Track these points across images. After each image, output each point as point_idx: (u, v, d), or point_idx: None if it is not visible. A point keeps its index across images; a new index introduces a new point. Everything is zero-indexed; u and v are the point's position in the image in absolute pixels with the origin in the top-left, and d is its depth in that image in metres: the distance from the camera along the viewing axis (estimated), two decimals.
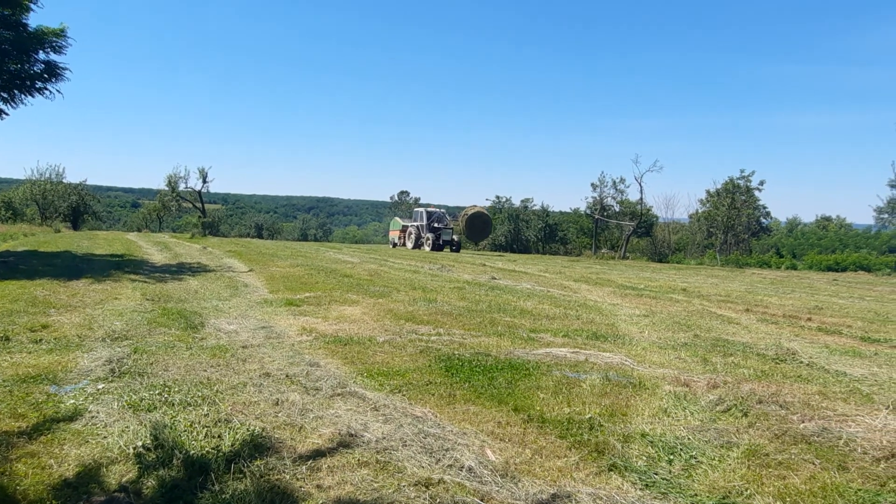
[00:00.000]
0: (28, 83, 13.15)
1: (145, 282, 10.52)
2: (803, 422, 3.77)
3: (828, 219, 69.67)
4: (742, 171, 39.88)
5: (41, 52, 13.23)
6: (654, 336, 7.21)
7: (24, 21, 13.40)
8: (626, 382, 4.72)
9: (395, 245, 36.44)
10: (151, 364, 5.02)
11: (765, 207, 44.89)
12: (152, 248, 20.24)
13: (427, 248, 31.76)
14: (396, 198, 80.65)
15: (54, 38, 13.29)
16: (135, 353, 5.34)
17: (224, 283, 11.00)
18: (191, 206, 42.01)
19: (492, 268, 18.65)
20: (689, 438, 3.53)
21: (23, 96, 13.33)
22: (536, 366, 5.23)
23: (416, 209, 36.28)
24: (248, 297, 9.23)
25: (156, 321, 6.89)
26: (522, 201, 46.66)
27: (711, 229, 42.43)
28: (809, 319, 9.20)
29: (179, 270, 12.94)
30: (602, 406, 4.13)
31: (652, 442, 3.46)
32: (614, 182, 40.91)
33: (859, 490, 2.95)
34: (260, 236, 70.73)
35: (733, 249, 40.62)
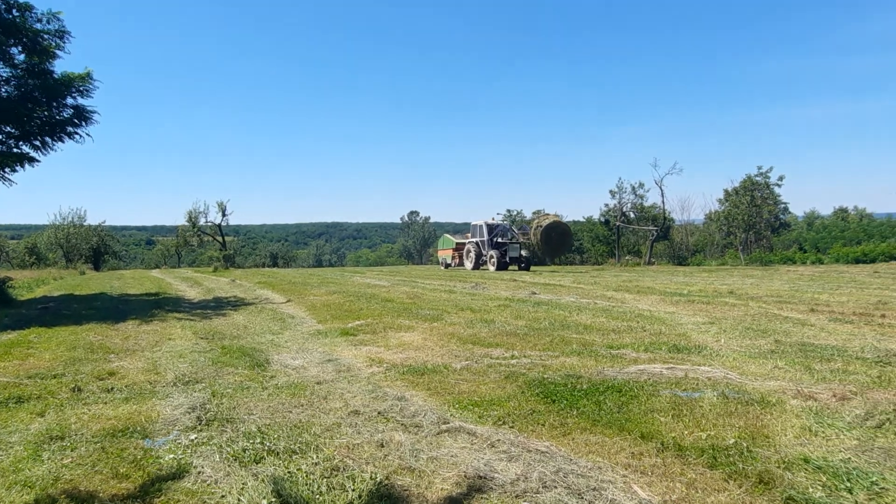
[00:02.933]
0: (58, 129, 13.18)
1: (191, 319, 10.35)
2: None
3: (845, 210, 68.65)
4: (760, 168, 39.40)
5: (69, 97, 13.27)
6: (734, 344, 6.88)
7: (49, 68, 13.49)
8: (746, 399, 4.40)
9: (447, 266, 32.29)
10: (234, 408, 4.79)
11: (785, 203, 44.28)
12: (182, 284, 20.17)
13: (492, 269, 27.39)
14: (407, 218, 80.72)
15: (80, 83, 13.34)
16: (213, 397, 5.11)
17: (268, 315, 10.80)
18: (210, 239, 42.20)
19: (523, 282, 18.35)
20: (855, 461, 3.22)
21: (53, 142, 13.36)
22: (639, 386, 4.93)
23: (473, 223, 30.96)
24: (299, 329, 9.01)
25: (220, 361, 6.67)
26: (534, 213, 46.46)
27: (731, 228, 41.88)
28: (883, 316, 8.80)
29: (219, 305, 12.78)
30: (737, 428, 3.82)
31: (820, 468, 3.15)
32: (633, 187, 40.58)
33: None
34: (275, 265, 71.01)
35: (754, 247, 40.01)
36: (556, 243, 28.41)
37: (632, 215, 41.73)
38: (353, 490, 3.19)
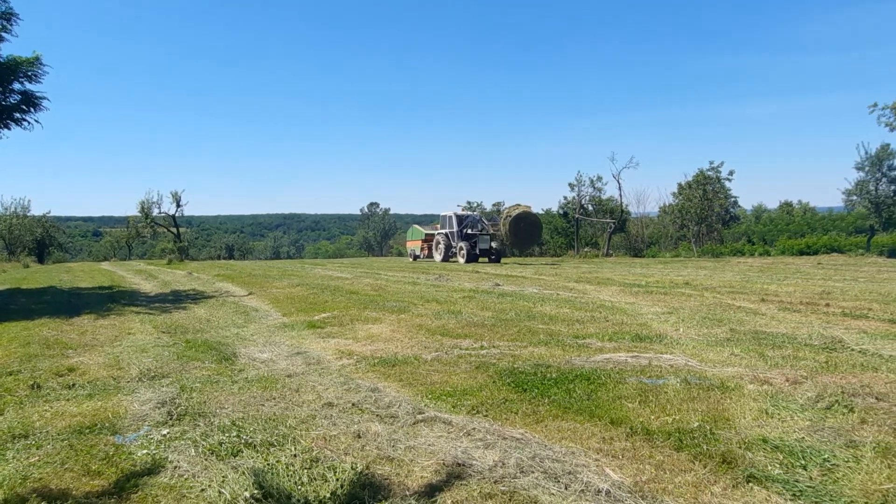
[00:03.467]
0: (4, 115, 12.53)
1: (150, 313, 10.07)
2: None
3: (790, 204, 71.82)
4: (712, 163, 40.72)
5: (16, 82, 12.62)
6: (692, 333, 7.18)
7: None
8: (707, 385, 4.63)
9: (416, 258, 31.79)
10: (205, 402, 4.72)
11: (735, 197, 45.95)
12: (136, 277, 19.54)
13: (461, 261, 26.83)
14: (366, 209, 80.00)
15: (28, 68, 12.71)
16: (182, 391, 5.02)
17: (231, 309, 10.61)
18: (164, 230, 40.86)
19: (486, 274, 18.54)
20: (809, 440, 3.45)
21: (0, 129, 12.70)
22: (606, 374, 5.11)
23: (442, 214, 29.96)
24: (264, 323, 8.90)
25: (185, 355, 6.55)
26: (494, 205, 46.87)
27: (684, 221, 43.24)
28: (828, 305, 9.33)
29: (178, 299, 12.46)
30: (700, 412, 4.02)
31: (777, 447, 3.36)
32: (591, 180, 41.39)
33: None
34: (231, 257, 69.37)
35: (706, 240, 41.45)
36: (524, 235, 26.91)
37: (590, 208, 42.57)
38: (336, 480, 3.22)
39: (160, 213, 39.44)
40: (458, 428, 4.00)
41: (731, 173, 41.04)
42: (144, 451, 3.71)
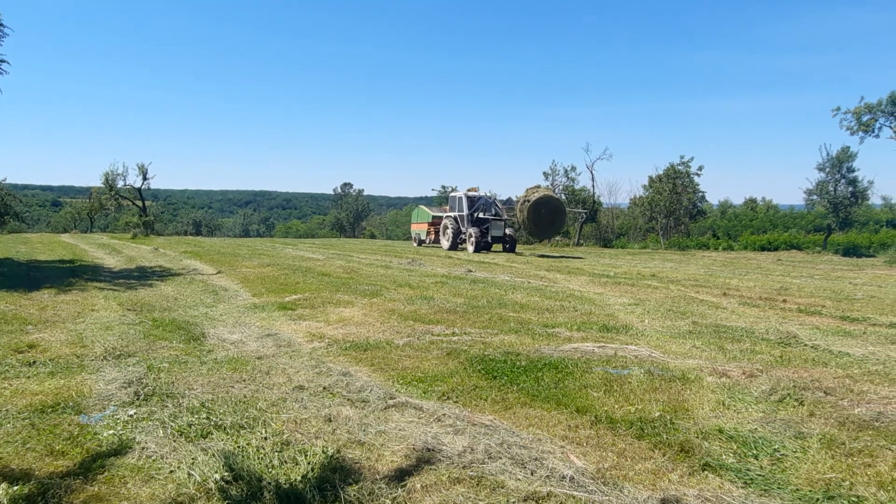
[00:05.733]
0: None
1: (114, 290, 9.85)
2: (856, 407, 3.95)
3: (754, 200, 73.87)
4: (682, 158, 41.40)
5: None
6: (657, 325, 7.39)
7: None
8: (669, 376, 4.80)
9: (421, 243, 28.00)
10: (173, 383, 4.69)
11: (703, 192, 46.96)
12: (99, 251, 19.01)
13: (470, 249, 23.16)
14: (340, 190, 79.03)
15: None
16: (149, 371, 4.97)
17: (199, 287, 10.46)
18: (129, 204, 39.71)
19: (458, 260, 18.64)
20: (761, 431, 3.63)
21: None
22: (573, 363, 5.24)
23: (452, 195, 26.37)
24: (234, 303, 8.81)
25: (152, 334, 6.46)
26: (469, 190, 46.84)
27: (654, 214, 44.09)
28: (785, 301, 9.69)
29: (144, 275, 12.21)
30: (662, 402, 4.18)
31: (732, 437, 3.53)
32: (566, 170, 41.75)
33: None
34: (199, 233, 67.85)
35: (674, 232, 42.37)
36: (545, 222, 22.98)
37: (563, 197, 43.00)
38: (306, 463, 3.26)
39: (125, 185, 38.32)
40: (429, 413, 4.07)
41: (700, 168, 41.83)
42: (111, 432, 3.68)
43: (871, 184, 30.12)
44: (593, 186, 41.06)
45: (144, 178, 37.91)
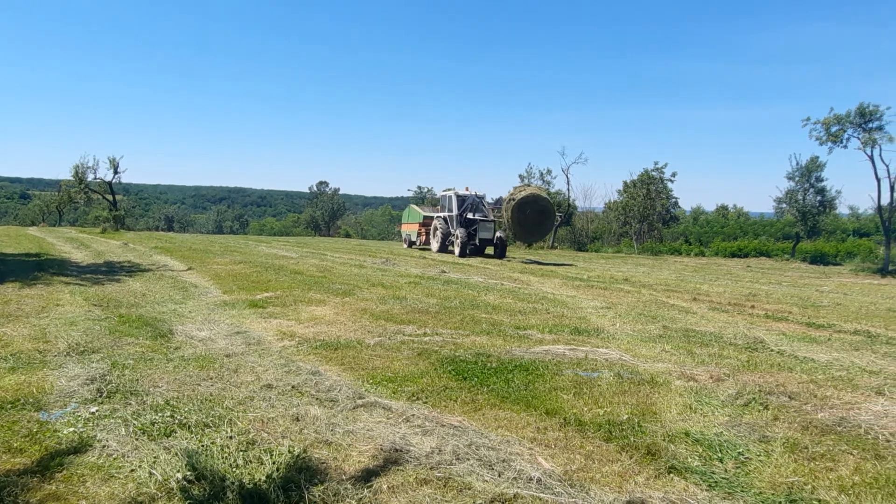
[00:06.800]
0: None
1: (80, 284, 9.59)
2: (819, 412, 4.04)
3: (725, 208, 75.46)
4: (656, 164, 42.08)
5: None
6: (627, 328, 7.47)
7: None
8: (638, 379, 4.85)
9: (411, 244, 26.45)
10: (138, 380, 4.58)
11: (676, 198, 47.75)
12: (66, 245, 18.51)
13: (456, 251, 21.18)
14: (315, 188, 78.31)
15: None
16: (113, 368, 4.84)
17: (168, 283, 10.24)
18: (99, 197, 38.72)
19: (432, 260, 18.62)
20: (726, 435, 3.68)
21: None
22: (544, 365, 5.26)
23: (442, 193, 24.69)
24: (203, 300, 8.65)
25: (118, 330, 6.30)
26: (445, 191, 46.84)
27: (628, 218, 44.70)
28: (753, 307, 9.89)
29: (111, 271, 11.92)
30: (630, 405, 4.22)
31: (698, 441, 3.57)
32: (541, 173, 42.06)
33: None
34: (171, 229, 66.61)
35: (647, 237, 43.02)
36: (531, 224, 21.23)
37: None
38: (272, 463, 3.20)
39: (95, 178, 37.31)
40: (398, 414, 4.04)
41: (673, 175, 42.57)
42: (71, 429, 3.57)
43: (838, 193, 31.04)
44: (568, 190, 41.47)
45: (115, 172, 37.03)
